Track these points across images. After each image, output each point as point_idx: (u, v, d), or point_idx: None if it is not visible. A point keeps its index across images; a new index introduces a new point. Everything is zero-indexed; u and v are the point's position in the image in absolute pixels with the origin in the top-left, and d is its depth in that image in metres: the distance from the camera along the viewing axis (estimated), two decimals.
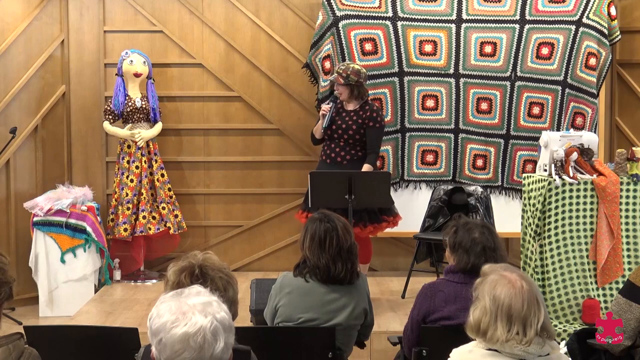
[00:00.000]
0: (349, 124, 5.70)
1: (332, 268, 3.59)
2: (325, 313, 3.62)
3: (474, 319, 2.57)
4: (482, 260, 3.42)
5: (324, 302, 3.63)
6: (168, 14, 7.09)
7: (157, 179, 6.76)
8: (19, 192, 6.68)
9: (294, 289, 3.66)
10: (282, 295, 3.67)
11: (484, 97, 6.79)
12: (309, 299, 3.62)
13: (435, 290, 3.66)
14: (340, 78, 5.66)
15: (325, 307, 3.62)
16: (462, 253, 3.57)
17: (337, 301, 3.64)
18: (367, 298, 3.76)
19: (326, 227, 3.61)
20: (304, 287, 3.65)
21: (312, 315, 3.61)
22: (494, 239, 3.58)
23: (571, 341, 3.88)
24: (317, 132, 5.85)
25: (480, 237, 3.55)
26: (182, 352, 1.99)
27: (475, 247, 3.54)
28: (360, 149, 5.73)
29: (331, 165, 5.71)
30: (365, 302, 3.73)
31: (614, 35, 6.81)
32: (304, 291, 3.64)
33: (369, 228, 5.73)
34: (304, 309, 3.62)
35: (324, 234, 3.60)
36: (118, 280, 6.79)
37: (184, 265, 2.74)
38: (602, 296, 5.22)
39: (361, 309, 3.70)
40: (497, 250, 3.54)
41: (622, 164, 5.31)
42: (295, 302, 3.64)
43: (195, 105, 7.14)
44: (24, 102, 6.74)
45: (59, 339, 3.58)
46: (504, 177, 6.86)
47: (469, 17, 6.76)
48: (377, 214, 5.74)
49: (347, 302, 3.65)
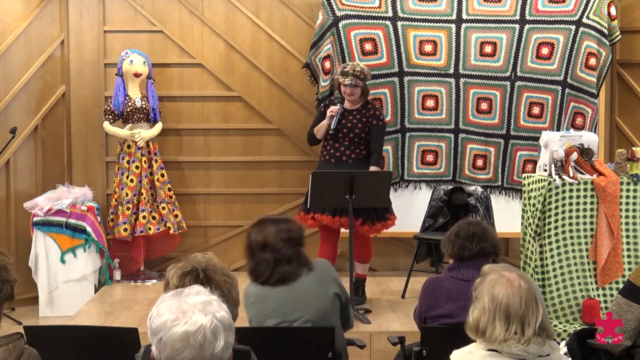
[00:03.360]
0: (353, 122, 5.70)
1: (266, 270, 3.60)
2: (290, 312, 3.57)
3: (473, 319, 2.58)
4: (473, 247, 3.69)
5: (284, 299, 3.57)
6: (168, 14, 7.09)
7: (157, 179, 6.76)
8: (19, 192, 6.68)
9: (255, 298, 3.62)
10: (248, 305, 3.63)
11: (484, 97, 6.79)
12: (268, 302, 3.59)
13: (438, 285, 3.70)
14: (358, 80, 5.64)
15: (286, 307, 3.58)
16: (454, 239, 3.76)
17: (298, 296, 3.59)
18: (334, 282, 3.68)
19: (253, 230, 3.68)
20: (260, 293, 3.61)
21: (276, 316, 3.57)
22: (481, 229, 3.78)
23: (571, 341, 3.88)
24: (320, 132, 5.79)
25: (467, 227, 3.80)
26: (182, 350, 1.99)
27: (463, 233, 3.76)
28: (364, 148, 5.73)
29: (336, 164, 5.70)
30: (330, 286, 3.66)
31: (614, 35, 6.81)
32: (262, 297, 3.60)
33: (377, 226, 5.75)
34: (268, 315, 3.58)
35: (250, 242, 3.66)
36: (118, 280, 6.79)
37: (187, 269, 2.73)
38: (602, 296, 5.22)
39: (321, 294, 3.63)
40: (489, 239, 3.75)
41: (622, 164, 5.31)
42: (260, 310, 3.60)
43: (195, 105, 7.14)
44: (24, 102, 6.74)
45: (59, 339, 3.58)
46: (504, 177, 6.86)
47: (469, 17, 6.76)
48: (383, 212, 5.76)
49: (310, 295, 3.60)
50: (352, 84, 5.63)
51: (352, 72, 5.63)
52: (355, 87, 5.64)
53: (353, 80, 5.61)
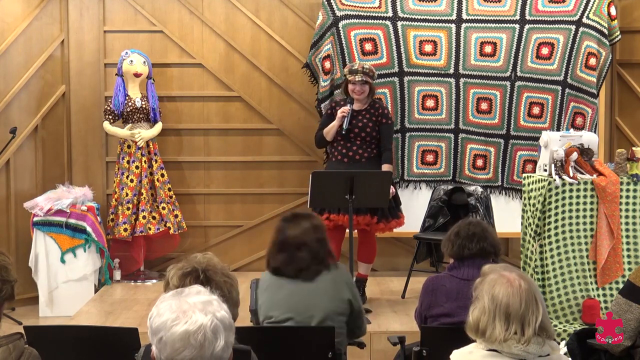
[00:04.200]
0: (364, 122, 5.72)
1: (295, 263, 3.66)
2: (300, 308, 3.62)
3: (473, 319, 2.58)
4: (473, 246, 3.70)
5: (295, 294, 3.64)
6: (168, 14, 7.09)
7: (157, 179, 6.76)
8: (19, 192, 6.68)
9: (269, 284, 3.72)
10: (261, 291, 3.74)
11: (484, 97, 6.79)
12: (280, 293, 3.67)
13: (438, 284, 3.71)
14: (368, 77, 5.69)
15: (298, 302, 3.62)
16: (454, 239, 3.76)
17: (311, 292, 3.64)
18: (347, 288, 3.74)
19: (285, 225, 3.74)
20: (276, 282, 3.70)
21: (285, 309, 3.63)
22: (482, 229, 3.78)
23: (571, 341, 3.89)
24: (330, 134, 5.77)
25: (467, 227, 3.80)
26: (182, 350, 1.99)
27: (462, 233, 3.77)
28: (375, 147, 5.77)
29: (349, 164, 5.71)
30: (344, 292, 3.70)
31: (614, 35, 6.81)
32: (277, 286, 3.69)
33: (392, 223, 5.80)
34: (280, 306, 3.64)
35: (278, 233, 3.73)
36: (118, 280, 6.79)
37: (188, 270, 2.73)
38: (602, 296, 5.22)
39: (335, 296, 3.67)
40: (488, 238, 3.75)
41: (622, 164, 5.31)
42: (270, 299, 3.68)
43: (195, 105, 7.14)
44: (24, 102, 6.74)
45: (59, 339, 3.58)
46: (504, 177, 6.86)
47: (469, 17, 6.76)
48: (395, 210, 5.82)
49: (322, 294, 3.65)
50: (363, 81, 5.67)
51: (361, 69, 5.68)
52: (365, 84, 5.68)
53: (363, 77, 5.66)
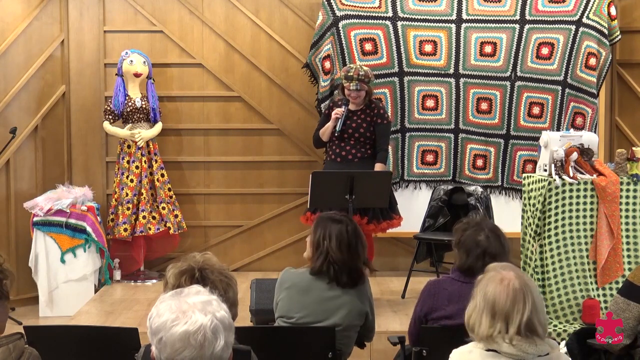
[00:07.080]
0: (358, 122, 5.72)
1: (347, 268, 3.64)
2: (322, 311, 3.63)
3: (467, 315, 2.60)
4: (479, 264, 3.40)
5: (322, 300, 3.64)
6: (168, 14, 7.09)
7: (157, 179, 6.76)
8: (19, 192, 6.68)
9: (293, 285, 3.69)
10: (282, 290, 3.71)
11: (484, 97, 6.79)
12: (307, 295, 3.65)
13: (439, 288, 3.66)
14: (363, 84, 5.64)
15: (322, 305, 3.63)
16: (462, 253, 3.58)
17: (336, 300, 3.65)
18: (368, 302, 3.76)
19: (350, 229, 3.69)
20: (302, 283, 3.67)
21: (308, 312, 3.62)
22: (498, 245, 3.54)
23: (571, 341, 3.89)
24: (325, 135, 5.80)
25: (485, 241, 3.53)
26: (182, 350, 2.00)
27: (475, 250, 3.53)
28: (370, 147, 5.76)
29: (342, 163, 5.71)
30: (366, 305, 3.74)
31: (614, 35, 6.81)
32: (303, 287, 3.66)
33: (383, 224, 5.77)
34: (301, 306, 3.64)
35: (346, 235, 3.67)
36: (118, 280, 6.79)
37: (184, 268, 2.74)
38: (602, 296, 5.22)
39: (360, 311, 3.70)
40: (498, 257, 3.43)
41: (622, 164, 5.31)
42: (294, 298, 3.66)
43: (195, 105, 7.14)
44: (24, 102, 6.74)
45: (59, 339, 3.58)
46: (504, 177, 6.86)
47: (469, 17, 6.76)
48: (388, 211, 5.78)
49: (346, 302, 3.66)
50: (357, 89, 5.64)
51: (356, 76, 5.63)
52: (360, 90, 5.65)
53: (358, 85, 5.63)
